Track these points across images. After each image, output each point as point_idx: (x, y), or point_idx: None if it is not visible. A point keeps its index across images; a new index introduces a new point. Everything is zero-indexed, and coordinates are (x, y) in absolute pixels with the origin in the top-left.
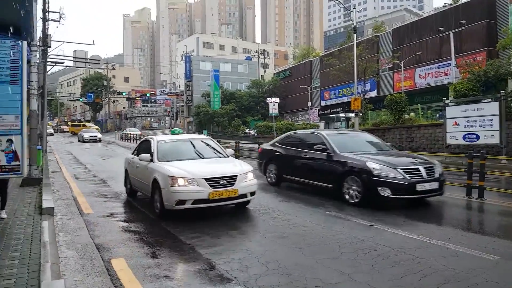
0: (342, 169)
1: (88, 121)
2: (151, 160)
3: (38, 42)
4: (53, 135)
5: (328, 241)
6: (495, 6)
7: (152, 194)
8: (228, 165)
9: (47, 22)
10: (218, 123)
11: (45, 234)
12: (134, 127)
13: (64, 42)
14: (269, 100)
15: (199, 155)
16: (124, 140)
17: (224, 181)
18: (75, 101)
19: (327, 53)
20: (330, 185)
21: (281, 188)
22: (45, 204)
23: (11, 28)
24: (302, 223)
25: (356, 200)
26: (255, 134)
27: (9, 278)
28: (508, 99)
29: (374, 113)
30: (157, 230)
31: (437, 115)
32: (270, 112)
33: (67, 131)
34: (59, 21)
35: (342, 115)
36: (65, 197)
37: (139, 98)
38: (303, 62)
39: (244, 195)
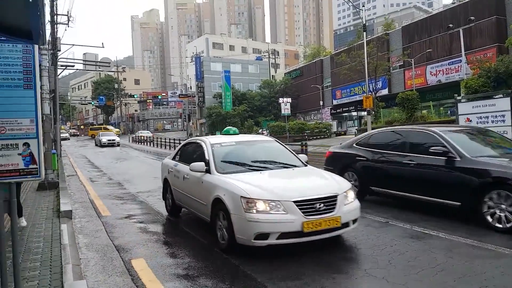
0: (480, 180)
1: (101, 124)
2: (207, 171)
3: (47, 46)
4: (68, 139)
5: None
6: (504, 1)
7: (213, 218)
8: (320, 180)
9: (55, 25)
10: (231, 124)
11: (65, 236)
12: (147, 130)
13: (73, 45)
14: (281, 100)
15: (270, 164)
16: (136, 143)
17: (322, 205)
18: (86, 104)
19: (337, 52)
20: (458, 203)
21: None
22: (63, 208)
23: (22, 32)
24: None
25: (509, 226)
26: (268, 135)
27: (32, 280)
28: None
29: (386, 111)
30: (174, 229)
31: (449, 112)
32: (283, 112)
33: (77, 135)
34: (67, 24)
35: (354, 113)
36: (82, 200)
37: (151, 101)
38: (314, 61)
39: (347, 224)
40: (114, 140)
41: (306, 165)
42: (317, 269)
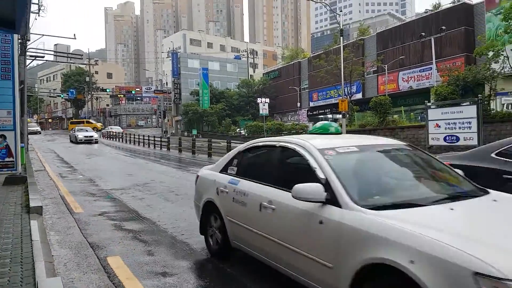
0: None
1: (71, 118)
2: (334, 203)
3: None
4: (40, 133)
5: None
6: (473, 13)
7: None
8: None
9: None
10: (208, 122)
11: (35, 233)
12: (118, 125)
13: (43, 35)
14: (259, 100)
15: (429, 189)
16: (107, 138)
17: None
18: (55, 97)
19: (315, 55)
20: None
21: None
22: (32, 203)
23: (3, 21)
24: None
25: None
26: (246, 134)
27: (1, 277)
28: (485, 103)
29: (360, 114)
30: (151, 227)
31: (419, 117)
32: (261, 112)
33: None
34: (38, 13)
35: (330, 116)
36: (53, 196)
37: (124, 96)
38: (292, 63)
39: None
40: (91, 136)
41: (486, 191)
42: None
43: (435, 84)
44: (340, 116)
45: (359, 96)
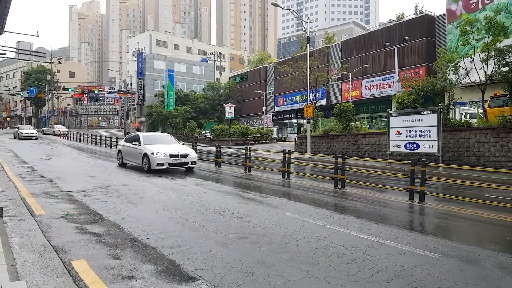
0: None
1: (30, 117)
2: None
3: None
4: None
5: (286, 240)
6: (435, 25)
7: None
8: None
9: None
10: (172, 124)
11: None
12: (80, 125)
13: (4, 31)
14: (225, 104)
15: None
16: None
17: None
18: (15, 95)
19: (281, 60)
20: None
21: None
22: None
23: None
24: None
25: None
26: (211, 137)
27: None
28: (445, 112)
29: (324, 120)
30: (115, 230)
31: (377, 124)
32: (227, 115)
33: None
34: None
35: (294, 121)
36: (12, 198)
37: (86, 95)
38: (259, 67)
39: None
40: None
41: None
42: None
43: (397, 92)
44: (305, 121)
45: (323, 102)
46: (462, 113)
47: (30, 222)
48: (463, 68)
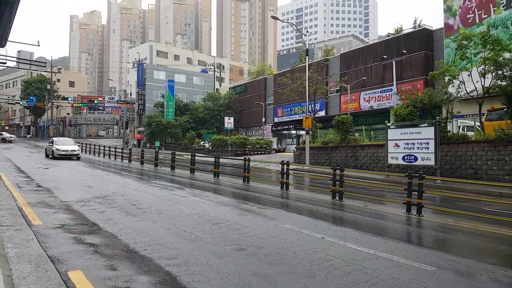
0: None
1: (29, 126)
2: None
3: None
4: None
5: (284, 252)
6: (433, 38)
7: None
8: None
9: None
10: (172, 134)
11: None
12: (79, 135)
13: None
14: (225, 116)
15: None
16: None
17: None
18: (14, 104)
19: (280, 72)
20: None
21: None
22: None
23: None
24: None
25: None
26: (210, 147)
27: None
28: (442, 124)
29: (323, 132)
30: (112, 241)
31: (375, 137)
32: (226, 126)
33: None
34: None
35: (293, 132)
36: (9, 207)
37: (86, 105)
38: (258, 79)
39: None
40: (74, 151)
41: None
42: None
43: (395, 105)
44: (304, 132)
45: (322, 113)
46: (460, 126)
47: (27, 232)
48: (461, 82)
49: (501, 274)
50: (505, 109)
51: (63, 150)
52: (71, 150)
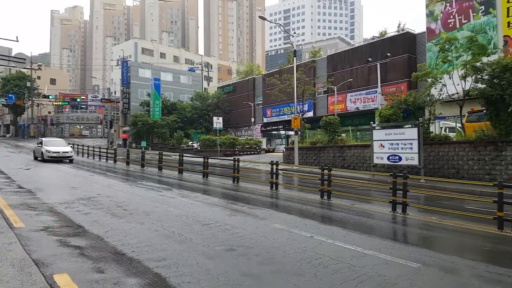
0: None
1: (8, 125)
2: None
3: None
4: None
5: (274, 252)
6: (415, 42)
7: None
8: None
9: None
10: (159, 134)
11: None
12: (60, 134)
13: None
14: (214, 116)
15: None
16: None
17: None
18: None
19: (268, 73)
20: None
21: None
22: None
23: None
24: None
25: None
26: (199, 148)
27: None
28: (425, 125)
29: (311, 132)
30: (99, 243)
31: (361, 138)
32: (214, 126)
33: None
34: None
35: (282, 132)
36: None
37: (68, 103)
38: (247, 79)
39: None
40: (66, 152)
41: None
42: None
43: (379, 106)
44: (293, 133)
45: (310, 114)
46: (442, 127)
47: (9, 235)
48: (443, 84)
49: (483, 269)
50: (484, 111)
51: (54, 152)
52: (63, 152)
